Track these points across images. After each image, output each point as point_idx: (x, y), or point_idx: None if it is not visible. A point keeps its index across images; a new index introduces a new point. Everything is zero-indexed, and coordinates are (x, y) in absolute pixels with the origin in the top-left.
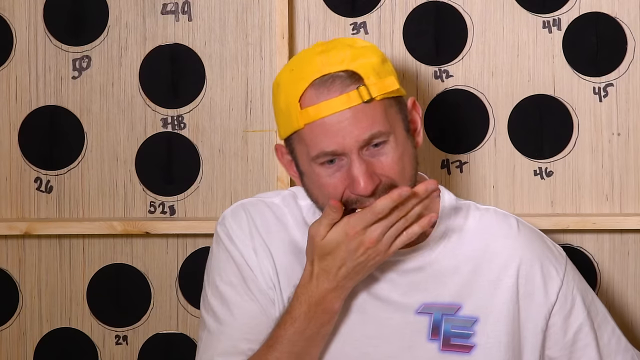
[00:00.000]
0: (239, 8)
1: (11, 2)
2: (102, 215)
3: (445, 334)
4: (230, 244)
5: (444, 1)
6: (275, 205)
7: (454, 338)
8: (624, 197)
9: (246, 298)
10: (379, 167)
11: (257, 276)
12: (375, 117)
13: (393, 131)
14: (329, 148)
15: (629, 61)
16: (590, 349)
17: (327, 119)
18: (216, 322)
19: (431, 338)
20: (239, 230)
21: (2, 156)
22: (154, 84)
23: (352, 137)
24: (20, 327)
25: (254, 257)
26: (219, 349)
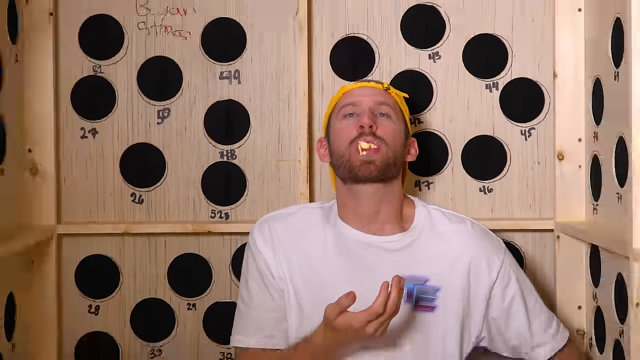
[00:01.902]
0: (274, 75)
1: (115, 70)
2: (178, 220)
3: (416, 298)
4: (255, 250)
5: (417, 70)
6: (291, 215)
7: (422, 301)
8: (542, 207)
9: (263, 290)
10: (380, 125)
11: (272, 273)
12: (387, 98)
13: (395, 114)
14: (353, 99)
15: (545, 112)
16: (521, 312)
17: (358, 90)
18: (243, 305)
19: (407, 300)
20: (262, 240)
21: (108, 178)
22: (214, 128)
23: (369, 99)
24: (120, 298)
25: (272, 257)
26: (241, 327)
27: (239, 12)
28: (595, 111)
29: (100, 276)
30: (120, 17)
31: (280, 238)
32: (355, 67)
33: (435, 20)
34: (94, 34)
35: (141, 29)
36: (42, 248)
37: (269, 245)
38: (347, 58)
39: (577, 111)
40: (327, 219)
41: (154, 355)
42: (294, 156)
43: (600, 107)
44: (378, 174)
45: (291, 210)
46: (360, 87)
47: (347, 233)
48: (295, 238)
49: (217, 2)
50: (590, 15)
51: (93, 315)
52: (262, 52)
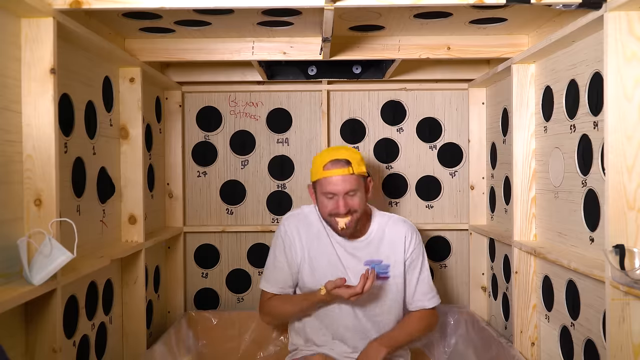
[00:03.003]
0: (307, 140)
1: (217, 138)
2: (253, 223)
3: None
4: (283, 231)
5: (389, 138)
6: (307, 212)
7: (380, 274)
8: (462, 216)
9: (283, 257)
10: (351, 203)
11: (291, 249)
12: (353, 182)
13: (359, 190)
14: (331, 190)
15: (464, 162)
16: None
17: (333, 178)
18: (271, 266)
19: None
20: (288, 226)
21: (212, 199)
22: (274, 171)
23: (342, 188)
24: (220, 268)
25: (296, 238)
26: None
27: (288, 104)
28: (492, 161)
29: (209, 256)
30: (220, 107)
31: (299, 228)
32: (354, 136)
33: (400, 109)
34: (205, 117)
35: (232, 114)
36: (175, 240)
37: (294, 229)
38: (350, 130)
39: (481, 161)
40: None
41: (239, 301)
42: None
43: (494, 159)
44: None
45: (305, 210)
46: (337, 176)
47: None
48: (307, 229)
49: (275, 99)
50: (489, 106)
51: (204, 278)
52: (301, 127)
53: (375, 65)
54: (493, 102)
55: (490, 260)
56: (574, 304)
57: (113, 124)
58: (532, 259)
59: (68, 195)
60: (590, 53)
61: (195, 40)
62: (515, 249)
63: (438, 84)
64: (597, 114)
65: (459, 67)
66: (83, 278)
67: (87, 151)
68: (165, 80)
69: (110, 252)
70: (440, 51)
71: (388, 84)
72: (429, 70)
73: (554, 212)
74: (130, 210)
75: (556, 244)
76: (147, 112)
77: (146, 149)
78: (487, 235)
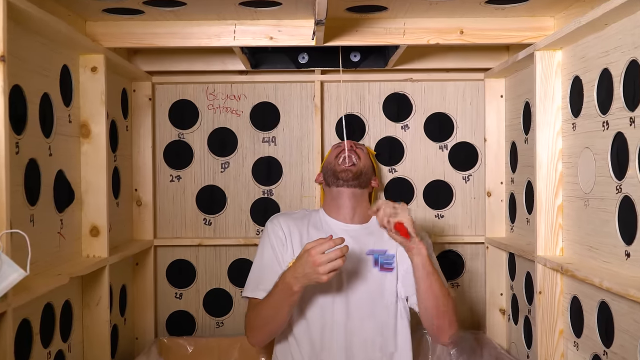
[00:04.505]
0: (298, 139)
1: (192, 136)
2: (235, 236)
3: (380, 263)
4: (270, 228)
5: (393, 136)
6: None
7: (385, 265)
8: (477, 227)
9: (271, 253)
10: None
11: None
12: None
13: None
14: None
15: (479, 164)
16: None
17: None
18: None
19: (374, 266)
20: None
21: (187, 208)
22: (259, 175)
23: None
24: (196, 288)
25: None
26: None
27: (275, 97)
28: (512, 163)
29: (183, 273)
30: (196, 101)
31: (289, 224)
32: (351, 134)
33: (405, 103)
34: (178, 112)
35: (210, 109)
36: (144, 255)
37: (279, 227)
38: (347, 128)
39: (499, 164)
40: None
41: (218, 325)
42: (311, 193)
43: (515, 161)
44: (358, 174)
45: (294, 213)
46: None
47: (330, 222)
48: (299, 223)
49: (260, 91)
50: (509, 100)
51: (178, 299)
52: (290, 124)
53: (376, 53)
54: (513, 95)
55: (509, 278)
56: (607, 329)
57: (72, 120)
58: (558, 277)
59: (20, 203)
60: (626, 38)
61: (168, 23)
62: (539, 265)
63: (449, 73)
64: (634, 108)
65: (474, 55)
66: (38, 299)
67: (43, 152)
68: (133, 69)
69: (69, 269)
70: (451, 36)
71: (391, 74)
72: (438, 58)
73: (584, 222)
74: (92, 220)
75: (586, 260)
76: (112, 107)
77: (111, 150)
78: (506, 250)
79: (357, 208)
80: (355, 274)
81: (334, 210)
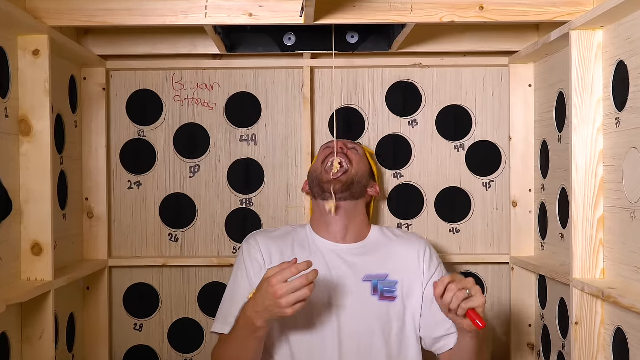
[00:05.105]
0: (283, 138)
1: (155, 134)
2: (206, 255)
3: (380, 291)
4: (245, 250)
5: (398, 134)
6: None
7: (385, 293)
8: (500, 244)
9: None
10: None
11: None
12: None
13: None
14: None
15: (502, 168)
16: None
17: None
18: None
19: (373, 294)
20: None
21: (149, 221)
22: (236, 180)
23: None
24: (160, 317)
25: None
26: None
27: (256, 87)
28: (543, 167)
29: (144, 300)
30: (159, 91)
31: (269, 245)
32: (348, 132)
33: (413, 94)
34: (138, 104)
35: (176, 101)
36: (96, 277)
37: (260, 248)
38: (343, 123)
39: (527, 167)
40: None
41: None
42: (299, 203)
43: (546, 164)
44: (347, 183)
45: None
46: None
47: (317, 241)
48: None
49: (238, 80)
50: (538, 90)
51: (138, 332)
52: (274, 119)
53: (378, 33)
54: (544, 84)
55: (540, 306)
56: None
57: (9, 114)
58: (598, 305)
59: None
60: None
61: None
62: (576, 290)
63: (467, 58)
64: None
65: (496, 35)
66: None
67: None
68: (83, 53)
69: (5, 294)
70: (469, 12)
71: (396, 59)
72: (453, 40)
73: (630, 238)
74: (34, 235)
75: (632, 284)
76: (58, 98)
77: (56, 150)
78: (535, 271)
79: (350, 225)
80: (349, 305)
81: (323, 227)
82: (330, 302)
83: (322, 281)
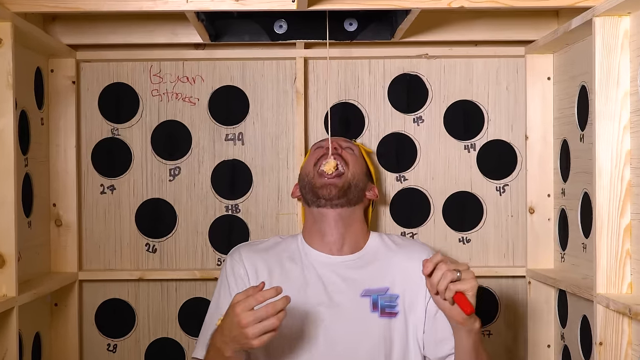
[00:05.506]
0: (274, 136)
1: (130, 133)
2: (188, 267)
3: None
4: (229, 267)
5: (401, 132)
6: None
7: (386, 308)
8: (515, 255)
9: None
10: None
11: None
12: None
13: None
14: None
15: (518, 170)
16: None
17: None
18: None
19: (373, 310)
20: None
21: (124, 229)
22: (220, 184)
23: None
24: (136, 337)
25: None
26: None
27: (242, 81)
28: (563, 169)
29: (118, 318)
30: (135, 84)
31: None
32: (346, 130)
33: (419, 88)
34: (112, 99)
35: (154, 96)
36: (65, 292)
37: (245, 263)
38: (340, 121)
39: (546, 169)
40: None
41: None
42: (291, 210)
43: (566, 166)
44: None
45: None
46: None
47: (310, 253)
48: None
49: (223, 72)
50: (558, 83)
51: (111, 353)
52: (263, 116)
53: (379, 20)
54: (564, 77)
55: (560, 324)
56: None
57: None
58: (625, 323)
59: None
60: None
61: None
62: (600, 306)
63: (478, 48)
64: None
65: (511, 22)
66: None
67: None
68: (51, 42)
69: None
70: None
71: (400, 49)
72: (463, 27)
73: None
74: None
75: None
76: (22, 93)
77: (20, 151)
78: (555, 286)
79: (347, 234)
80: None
81: (316, 237)
82: (326, 322)
83: (315, 298)
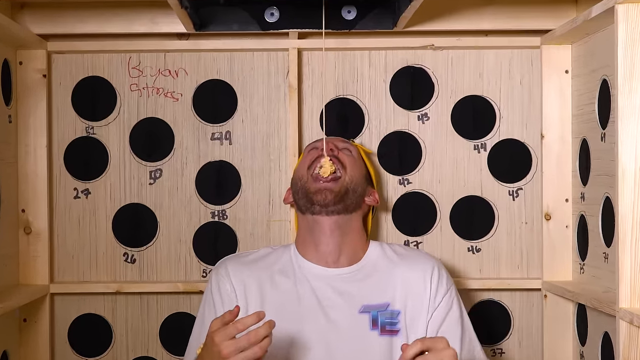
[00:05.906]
0: (264, 136)
1: (107, 131)
2: (170, 279)
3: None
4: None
5: (404, 130)
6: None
7: (387, 326)
8: (530, 266)
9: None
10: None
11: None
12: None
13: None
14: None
15: (533, 173)
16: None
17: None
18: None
19: (372, 328)
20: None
21: (100, 238)
22: (205, 188)
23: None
24: (113, 356)
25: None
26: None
27: (230, 74)
28: (583, 172)
29: (93, 335)
30: (112, 78)
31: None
32: (344, 128)
33: (423, 82)
34: (87, 95)
35: (133, 91)
36: (35, 307)
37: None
38: (337, 118)
39: (564, 172)
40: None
41: None
42: (284, 216)
43: (586, 167)
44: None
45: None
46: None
47: (304, 265)
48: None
49: (208, 65)
50: (577, 77)
51: None
52: (252, 113)
53: (380, 7)
54: (584, 70)
55: (579, 342)
56: None
57: None
58: None
59: None
60: None
61: None
62: (623, 322)
63: (489, 38)
64: None
65: (526, 10)
66: None
67: None
68: (19, 31)
69: None
70: None
71: (403, 39)
72: (473, 16)
73: None
74: None
75: None
76: None
77: None
78: (573, 300)
79: (344, 244)
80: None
81: (310, 247)
82: (322, 341)
83: (309, 315)
